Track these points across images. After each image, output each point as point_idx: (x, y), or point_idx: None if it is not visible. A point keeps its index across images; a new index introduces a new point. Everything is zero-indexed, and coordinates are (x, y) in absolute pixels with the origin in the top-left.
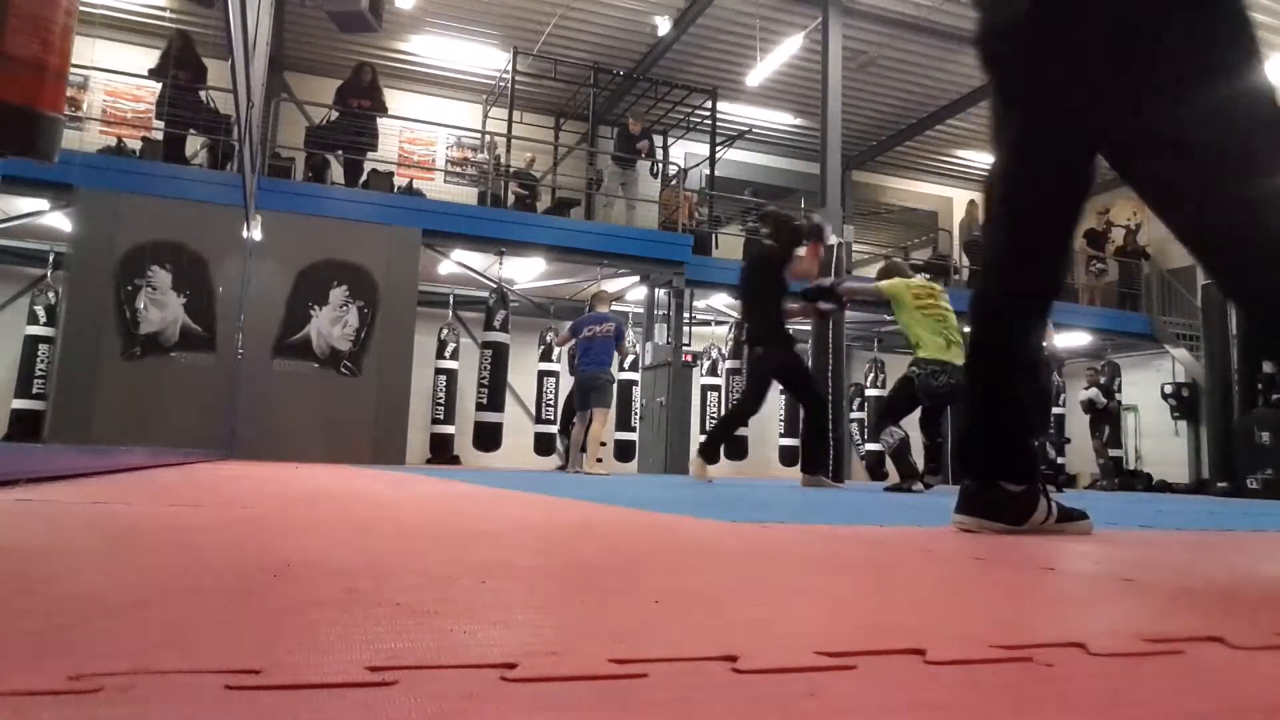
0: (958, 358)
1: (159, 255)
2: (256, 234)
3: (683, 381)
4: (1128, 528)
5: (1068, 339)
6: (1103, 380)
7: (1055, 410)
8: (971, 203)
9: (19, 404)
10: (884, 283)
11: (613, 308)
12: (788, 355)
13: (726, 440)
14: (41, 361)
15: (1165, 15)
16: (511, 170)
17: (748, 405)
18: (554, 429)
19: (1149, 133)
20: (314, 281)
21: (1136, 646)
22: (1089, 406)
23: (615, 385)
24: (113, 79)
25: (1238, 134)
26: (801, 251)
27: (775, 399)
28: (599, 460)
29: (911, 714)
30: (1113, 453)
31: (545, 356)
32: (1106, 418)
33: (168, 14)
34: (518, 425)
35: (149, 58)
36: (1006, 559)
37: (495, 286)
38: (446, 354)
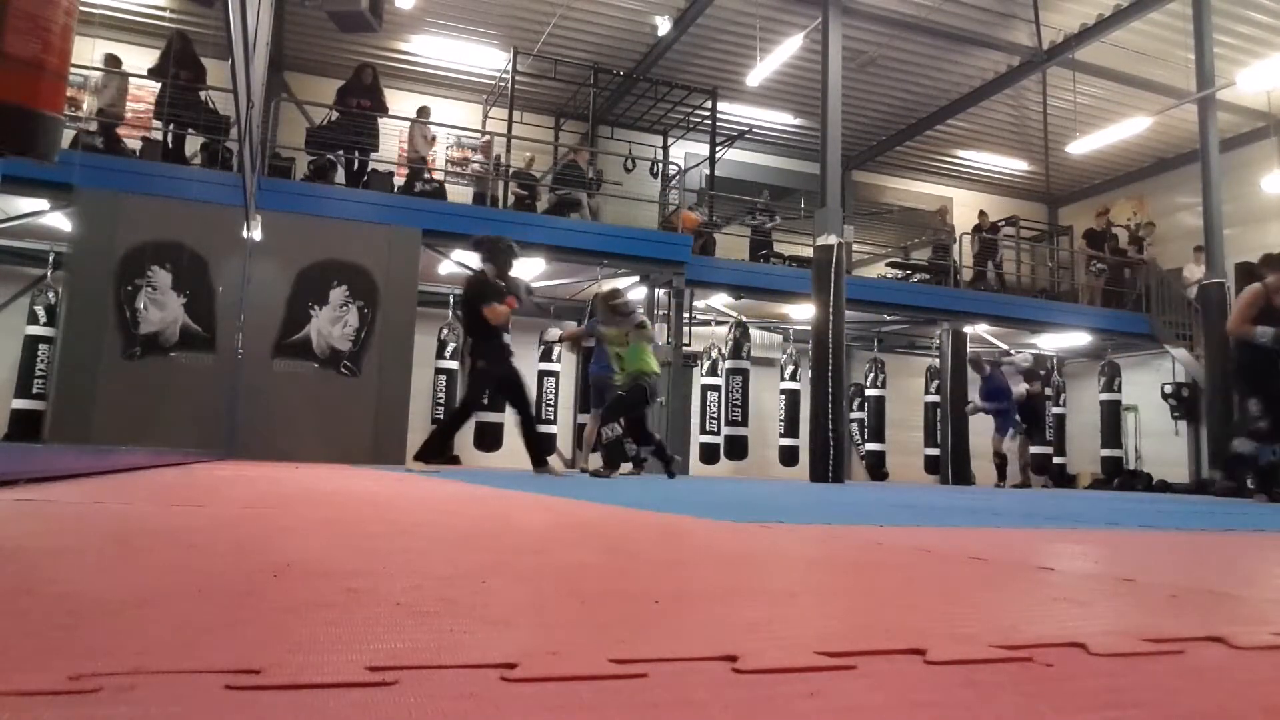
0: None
1: (159, 255)
2: (256, 234)
3: (683, 381)
4: (1128, 528)
5: (1068, 339)
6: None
7: (1056, 410)
8: (943, 207)
9: (19, 404)
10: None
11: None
12: (506, 367)
13: (449, 439)
14: (41, 361)
15: None
16: (511, 170)
17: (469, 408)
18: (554, 429)
19: None
20: (314, 281)
21: (1136, 646)
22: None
23: None
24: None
25: None
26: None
27: (775, 401)
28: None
29: (911, 714)
30: (1110, 453)
31: (545, 356)
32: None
33: (168, 14)
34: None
35: (149, 58)
36: (1006, 559)
37: None
38: (446, 354)
